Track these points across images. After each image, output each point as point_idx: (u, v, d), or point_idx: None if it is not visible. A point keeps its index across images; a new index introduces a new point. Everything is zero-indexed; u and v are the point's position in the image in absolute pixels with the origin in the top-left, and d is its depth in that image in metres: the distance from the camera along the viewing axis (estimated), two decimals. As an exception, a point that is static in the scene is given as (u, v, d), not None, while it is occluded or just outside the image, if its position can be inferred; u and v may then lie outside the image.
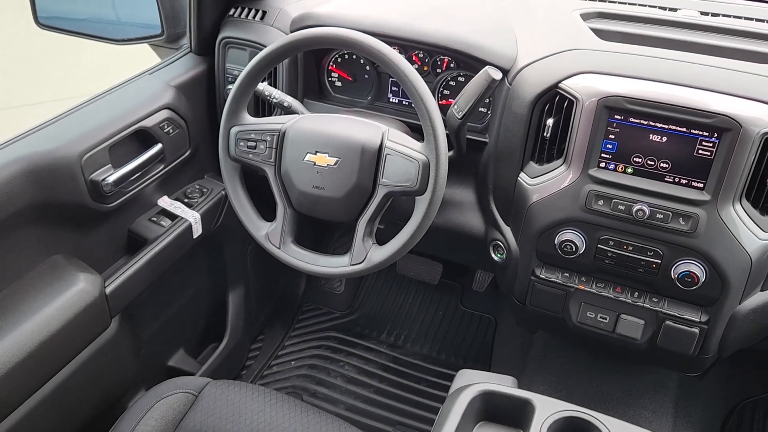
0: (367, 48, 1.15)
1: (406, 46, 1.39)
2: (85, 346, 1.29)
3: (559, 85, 1.19)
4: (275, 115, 1.49)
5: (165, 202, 1.52)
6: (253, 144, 1.26)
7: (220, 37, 1.54)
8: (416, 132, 1.34)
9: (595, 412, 1.06)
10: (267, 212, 1.33)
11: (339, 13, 1.41)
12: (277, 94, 1.36)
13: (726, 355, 1.31)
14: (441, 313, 2.17)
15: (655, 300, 1.27)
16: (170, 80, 1.49)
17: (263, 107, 1.53)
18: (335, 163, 1.20)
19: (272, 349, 2.08)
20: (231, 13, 1.55)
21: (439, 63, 1.42)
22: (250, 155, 1.26)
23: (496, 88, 1.18)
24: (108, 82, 1.47)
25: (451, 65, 1.40)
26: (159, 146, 1.43)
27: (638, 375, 1.70)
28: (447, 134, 1.16)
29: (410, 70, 1.13)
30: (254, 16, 1.52)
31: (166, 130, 1.44)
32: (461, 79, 1.41)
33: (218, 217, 1.62)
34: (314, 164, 1.21)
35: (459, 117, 1.20)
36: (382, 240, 1.24)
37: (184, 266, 1.62)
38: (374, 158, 1.19)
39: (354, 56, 1.49)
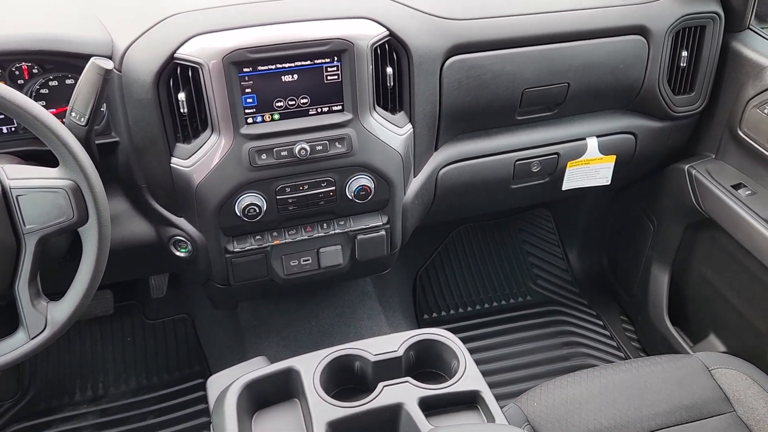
0: None
1: (-36, 64, 1.10)
2: None
3: (176, 55, 1.11)
4: None
5: None
6: None
7: None
8: (33, 160, 1.11)
9: (350, 344, 1.11)
10: None
11: None
12: None
13: (406, 242, 1.49)
14: (130, 338, 1.95)
15: (342, 223, 1.35)
16: None
17: None
18: None
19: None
20: None
21: (16, 73, 1.17)
22: None
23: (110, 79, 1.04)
24: None
25: (34, 71, 1.17)
26: None
27: (341, 293, 1.83)
28: None
29: (3, 90, 0.91)
30: None
31: None
32: (54, 83, 1.19)
33: None
34: None
35: (83, 124, 1.03)
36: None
37: None
38: (2, 207, 0.95)
39: None
